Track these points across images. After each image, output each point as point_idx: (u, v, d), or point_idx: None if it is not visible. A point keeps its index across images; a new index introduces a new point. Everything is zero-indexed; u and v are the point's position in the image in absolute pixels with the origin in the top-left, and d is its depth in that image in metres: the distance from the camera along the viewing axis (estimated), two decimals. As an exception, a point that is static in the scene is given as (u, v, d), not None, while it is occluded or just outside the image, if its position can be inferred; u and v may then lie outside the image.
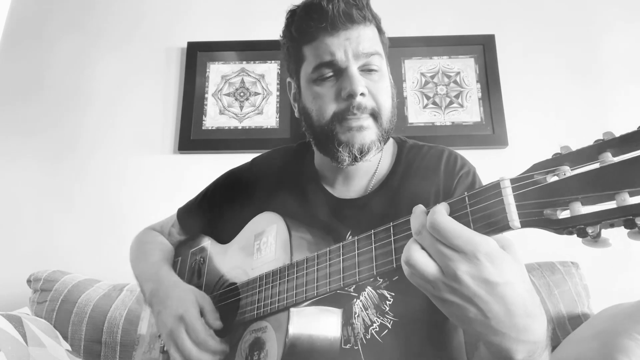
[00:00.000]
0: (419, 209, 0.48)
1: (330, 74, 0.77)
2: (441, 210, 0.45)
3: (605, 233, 0.39)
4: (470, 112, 1.79)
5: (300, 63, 0.82)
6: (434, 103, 1.81)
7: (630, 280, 1.56)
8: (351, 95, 0.75)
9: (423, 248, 0.46)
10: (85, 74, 1.93)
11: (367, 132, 0.76)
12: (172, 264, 1.00)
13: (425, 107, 1.81)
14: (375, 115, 0.77)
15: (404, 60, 1.87)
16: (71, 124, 1.86)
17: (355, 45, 0.76)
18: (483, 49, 1.85)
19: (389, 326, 0.75)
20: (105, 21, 2.00)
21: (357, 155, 0.77)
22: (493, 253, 0.43)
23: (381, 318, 0.76)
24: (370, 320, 0.76)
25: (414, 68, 1.86)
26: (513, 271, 0.43)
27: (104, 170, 1.80)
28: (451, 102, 1.81)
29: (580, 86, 1.81)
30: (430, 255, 0.45)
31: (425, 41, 1.87)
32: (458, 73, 1.84)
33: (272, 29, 0.89)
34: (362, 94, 0.75)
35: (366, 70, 0.77)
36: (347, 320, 0.76)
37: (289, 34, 0.83)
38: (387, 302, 0.76)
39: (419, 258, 0.45)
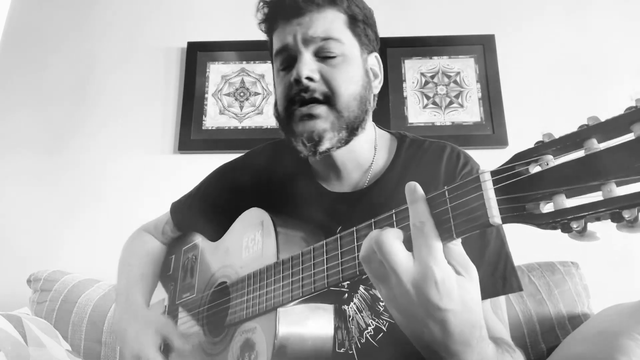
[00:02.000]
0: (420, 194, 0.47)
1: (287, 62, 0.78)
2: (423, 215, 0.45)
3: (592, 227, 0.37)
4: (470, 112, 1.79)
5: (272, 55, 0.85)
6: (434, 103, 1.81)
7: (630, 280, 1.56)
8: (297, 80, 0.74)
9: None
10: (85, 74, 1.93)
11: (317, 120, 0.74)
12: (155, 275, 1.00)
13: (425, 107, 1.81)
14: (329, 101, 0.75)
15: (404, 60, 1.87)
16: (71, 124, 1.86)
17: (305, 29, 0.75)
18: (483, 49, 1.85)
19: (384, 329, 0.73)
20: (105, 21, 2.00)
21: (308, 144, 0.75)
22: (443, 281, 0.43)
23: (376, 320, 0.74)
24: (365, 323, 0.74)
25: (414, 68, 1.86)
26: (463, 300, 0.44)
27: (104, 170, 1.80)
28: (451, 102, 1.81)
29: (580, 86, 1.81)
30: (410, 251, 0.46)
31: (425, 41, 1.88)
32: (458, 73, 1.84)
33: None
34: (309, 78, 0.74)
35: (323, 56, 0.76)
36: (342, 324, 0.74)
37: (260, 27, 0.87)
38: (381, 303, 0.74)
39: (391, 240, 0.46)
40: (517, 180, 0.40)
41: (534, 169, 0.39)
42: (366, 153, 0.84)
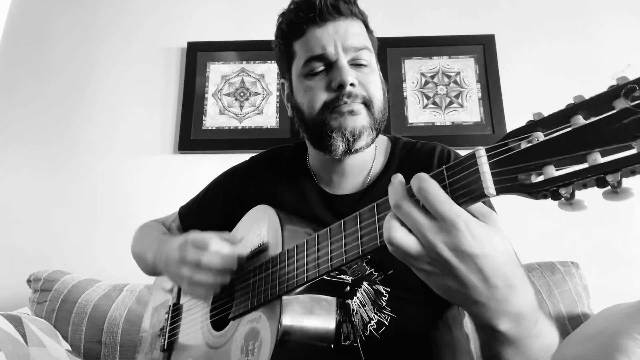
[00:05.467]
0: (397, 179, 0.48)
1: (321, 67, 0.80)
2: (427, 177, 0.46)
3: (580, 195, 0.40)
4: (470, 112, 1.79)
5: (291, 60, 0.85)
6: (434, 103, 1.81)
7: (630, 280, 1.56)
8: (341, 85, 0.77)
9: (403, 224, 0.46)
10: (85, 74, 1.93)
11: (358, 116, 0.78)
12: None
13: (425, 107, 1.81)
14: (367, 103, 0.79)
15: (404, 60, 1.87)
16: (71, 124, 1.86)
17: (343, 39, 0.78)
18: (483, 49, 1.85)
19: (386, 323, 0.76)
20: (105, 21, 2.00)
21: (349, 139, 0.78)
22: (472, 223, 0.44)
23: (378, 314, 0.76)
24: (368, 317, 0.76)
25: (414, 68, 1.86)
26: (493, 243, 0.44)
27: (104, 170, 1.80)
28: (451, 102, 1.81)
29: (580, 85, 1.80)
30: (410, 231, 0.45)
31: (425, 41, 1.88)
32: (458, 73, 1.84)
33: (272, 29, 0.90)
34: (352, 84, 0.77)
35: (356, 64, 0.80)
36: (346, 318, 0.76)
37: (280, 32, 0.87)
38: (384, 298, 0.77)
39: (400, 236, 0.45)
40: (510, 154, 0.43)
41: (526, 145, 0.42)
42: (368, 156, 0.88)
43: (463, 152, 0.93)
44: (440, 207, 0.43)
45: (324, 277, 0.63)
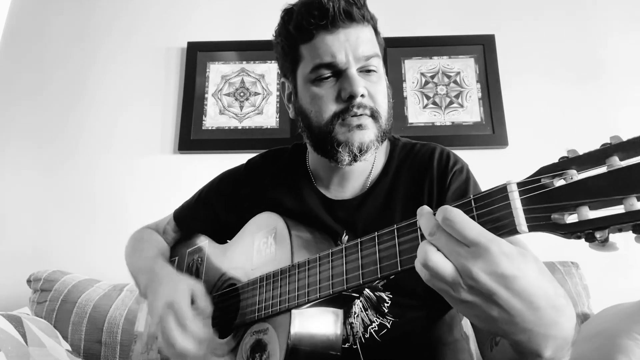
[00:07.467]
0: (425, 209, 0.47)
1: (329, 74, 0.77)
2: (451, 207, 0.45)
3: (613, 237, 0.39)
4: (470, 112, 1.79)
5: (296, 63, 0.82)
6: (434, 103, 1.81)
7: (630, 280, 1.56)
8: (352, 97, 0.75)
9: (438, 250, 0.44)
10: (85, 74, 1.93)
11: (366, 131, 0.76)
12: (167, 259, 0.99)
13: (425, 107, 1.81)
14: (374, 115, 0.77)
15: (404, 60, 1.87)
16: (71, 124, 1.86)
17: (354, 47, 0.76)
18: (483, 49, 1.85)
19: (388, 326, 0.75)
20: (105, 21, 2.00)
21: (357, 154, 0.77)
22: (505, 246, 0.42)
23: (380, 318, 0.76)
24: (369, 320, 0.76)
25: (414, 68, 1.86)
26: (528, 264, 0.42)
27: (104, 170, 1.80)
28: (451, 102, 1.81)
29: (579, 86, 1.81)
30: (445, 256, 0.44)
31: (425, 41, 1.88)
32: (458, 73, 1.84)
33: (272, 29, 0.89)
34: (362, 95, 0.75)
35: (365, 71, 0.78)
36: (346, 320, 0.76)
37: (286, 32, 0.82)
38: (386, 304, 0.76)
39: (436, 259, 0.43)
40: (543, 192, 0.41)
41: (559, 182, 0.41)
42: (369, 160, 0.86)
43: (463, 152, 0.93)
44: (470, 233, 0.42)
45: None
